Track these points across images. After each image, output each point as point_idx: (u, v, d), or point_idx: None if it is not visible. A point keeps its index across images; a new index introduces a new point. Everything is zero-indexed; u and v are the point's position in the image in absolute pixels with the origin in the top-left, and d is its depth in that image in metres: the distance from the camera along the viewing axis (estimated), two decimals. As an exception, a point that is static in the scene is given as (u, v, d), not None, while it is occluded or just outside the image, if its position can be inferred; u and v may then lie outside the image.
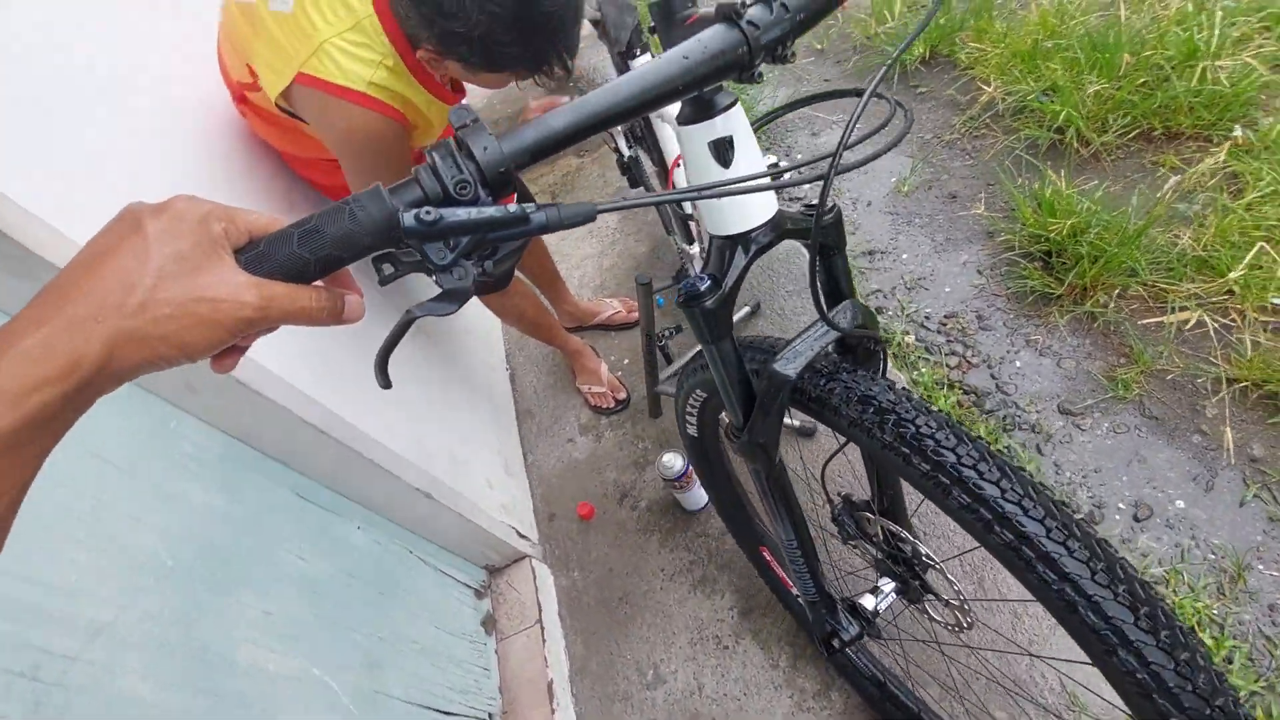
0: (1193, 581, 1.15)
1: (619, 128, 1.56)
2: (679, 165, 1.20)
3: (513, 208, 0.39)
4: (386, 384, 0.43)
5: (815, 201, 0.59)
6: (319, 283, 0.40)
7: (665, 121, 1.30)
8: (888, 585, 0.96)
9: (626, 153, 1.56)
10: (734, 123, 0.56)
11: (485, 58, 0.82)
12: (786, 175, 0.52)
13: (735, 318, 1.73)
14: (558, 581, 1.57)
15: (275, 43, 0.89)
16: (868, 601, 1.07)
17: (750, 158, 0.57)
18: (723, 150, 0.56)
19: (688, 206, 1.33)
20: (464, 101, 0.43)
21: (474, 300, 1.32)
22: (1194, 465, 1.25)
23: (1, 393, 0.30)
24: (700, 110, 0.56)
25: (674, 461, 1.38)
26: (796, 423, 1.46)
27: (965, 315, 1.60)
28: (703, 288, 0.66)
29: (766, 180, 0.52)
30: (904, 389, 0.66)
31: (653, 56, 1.09)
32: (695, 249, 1.40)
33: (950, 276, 1.68)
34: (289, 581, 1.01)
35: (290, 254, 0.37)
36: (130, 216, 0.35)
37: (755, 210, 0.61)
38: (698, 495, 1.47)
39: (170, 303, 0.33)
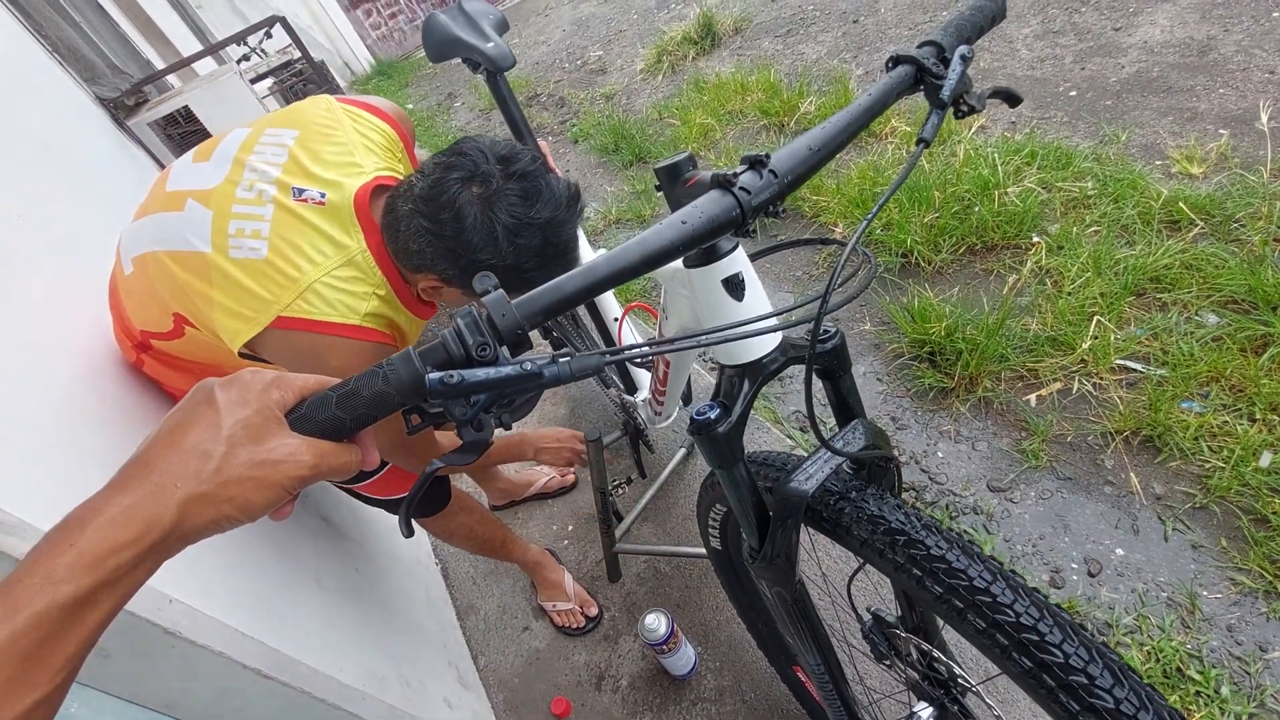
0: (1160, 622, 1.22)
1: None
2: (625, 321, 1.26)
3: (528, 365, 0.42)
4: (410, 533, 0.47)
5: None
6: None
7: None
8: (925, 711, 0.92)
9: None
10: (740, 261, 0.61)
11: (502, 286, 0.83)
12: (779, 319, 0.57)
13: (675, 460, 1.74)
14: (549, 804, 1.35)
15: (243, 290, 0.85)
16: (902, 730, 1.01)
17: (757, 290, 0.62)
18: (735, 287, 0.60)
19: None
20: (483, 272, 0.46)
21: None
22: (1116, 513, 1.39)
23: (83, 554, 0.33)
24: (707, 254, 0.61)
25: (657, 623, 1.29)
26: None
27: (881, 419, 1.73)
28: (713, 415, 0.67)
29: (772, 321, 0.56)
30: (914, 508, 0.66)
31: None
32: (640, 396, 1.43)
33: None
34: None
35: (330, 415, 0.41)
36: (204, 391, 0.40)
37: (765, 339, 0.65)
38: (686, 655, 1.37)
39: (238, 466, 0.37)
